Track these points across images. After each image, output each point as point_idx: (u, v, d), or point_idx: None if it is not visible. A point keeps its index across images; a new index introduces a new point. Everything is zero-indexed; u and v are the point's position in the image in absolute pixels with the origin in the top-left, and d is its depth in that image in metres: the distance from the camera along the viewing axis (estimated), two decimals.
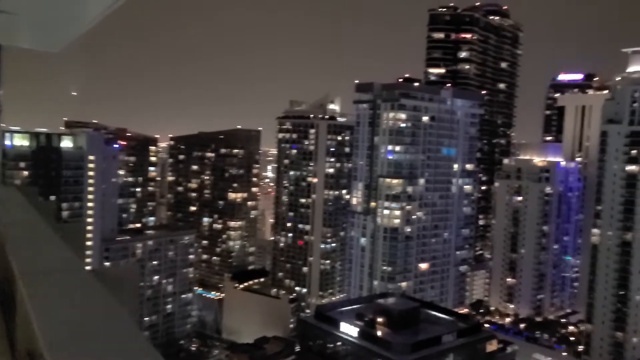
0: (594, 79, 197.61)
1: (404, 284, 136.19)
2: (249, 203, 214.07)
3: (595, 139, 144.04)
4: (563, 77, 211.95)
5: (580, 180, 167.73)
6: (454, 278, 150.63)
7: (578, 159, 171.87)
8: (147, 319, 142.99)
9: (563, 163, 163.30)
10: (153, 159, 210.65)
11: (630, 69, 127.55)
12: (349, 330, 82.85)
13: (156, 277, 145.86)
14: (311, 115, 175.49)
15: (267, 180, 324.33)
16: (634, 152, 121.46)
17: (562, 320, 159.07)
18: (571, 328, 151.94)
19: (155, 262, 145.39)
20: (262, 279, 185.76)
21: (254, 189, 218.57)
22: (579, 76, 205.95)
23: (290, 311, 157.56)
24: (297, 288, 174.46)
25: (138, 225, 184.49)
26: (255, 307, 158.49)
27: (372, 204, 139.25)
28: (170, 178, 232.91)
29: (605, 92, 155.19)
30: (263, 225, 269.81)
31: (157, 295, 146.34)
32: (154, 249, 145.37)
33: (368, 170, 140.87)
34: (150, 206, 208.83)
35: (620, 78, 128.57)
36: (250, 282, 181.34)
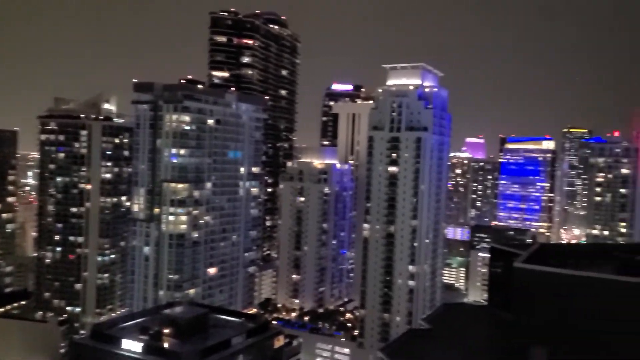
0: (362, 90, 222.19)
1: (192, 291, 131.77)
2: (4, 215, 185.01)
3: (364, 143, 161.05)
4: (336, 87, 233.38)
5: (352, 180, 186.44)
6: (242, 280, 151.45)
7: (351, 162, 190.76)
8: None
9: (338, 165, 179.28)
10: None
11: (389, 82, 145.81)
12: (132, 346, 75.52)
13: None
14: (82, 115, 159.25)
15: (28, 188, 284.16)
16: (394, 155, 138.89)
17: (341, 309, 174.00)
18: (348, 315, 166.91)
19: None
20: (23, 302, 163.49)
21: (10, 199, 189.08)
22: (349, 87, 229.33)
23: (60, 335, 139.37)
24: (68, 308, 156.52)
25: None
26: (14, 335, 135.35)
27: (156, 210, 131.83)
28: None
29: (371, 102, 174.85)
30: (23, 240, 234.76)
31: None
32: None
33: (150, 175, 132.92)
34: None
35: (381, 90, 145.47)
36: (8, 307, 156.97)
